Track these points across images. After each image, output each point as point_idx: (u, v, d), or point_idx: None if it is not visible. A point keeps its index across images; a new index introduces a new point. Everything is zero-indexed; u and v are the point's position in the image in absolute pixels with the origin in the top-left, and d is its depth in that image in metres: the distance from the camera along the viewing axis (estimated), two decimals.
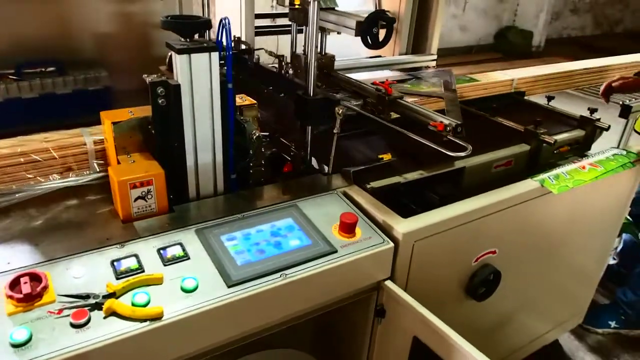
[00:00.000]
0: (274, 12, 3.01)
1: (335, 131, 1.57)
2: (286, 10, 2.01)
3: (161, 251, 1.26)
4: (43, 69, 1.99)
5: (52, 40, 2.13)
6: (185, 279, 1.18)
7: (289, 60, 2.01)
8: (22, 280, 1.11)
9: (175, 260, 1.25)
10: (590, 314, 2.56)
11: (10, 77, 1.92)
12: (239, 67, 1.93)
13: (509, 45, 8.56)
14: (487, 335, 1.94)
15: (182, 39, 1.37)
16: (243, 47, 2.08)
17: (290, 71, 1.92)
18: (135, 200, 1.37)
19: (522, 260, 1.88)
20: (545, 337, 2.36)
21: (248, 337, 1.32)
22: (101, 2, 2.21)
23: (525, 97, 2.59)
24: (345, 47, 2.36)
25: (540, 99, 2.48)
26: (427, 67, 2.79)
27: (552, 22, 9.36)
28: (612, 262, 2.92)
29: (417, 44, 2.87)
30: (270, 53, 2.10)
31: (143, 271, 1.20)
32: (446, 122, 1.57)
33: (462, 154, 1.55)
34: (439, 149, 1.56)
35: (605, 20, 10.37)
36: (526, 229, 1.82)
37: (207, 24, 1.40)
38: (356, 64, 2.51)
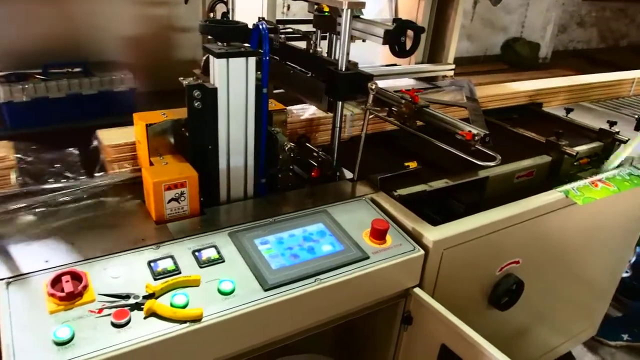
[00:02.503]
0: (295, 18, 3.04)
1: (367, 107, 1.56)
2: (299, 17, 1.99)
3: (196, 253, 1.27)
4: (69, 70, 2.00)
5: (78, 41, 2.15)
6: (222, 282, 1.19)
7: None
8: (64, 278, 1.11)
9: (211, 262, 1.25)
10: (603, 326, 2.56)
11: (38, 76, 1.93)
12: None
13: (516, 56, 8.58)
14: (505, 346, 1.94)
15: (220, 43, 1.38)
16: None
17: (319, 49, 1.87)
18: (169, 201, 1.38)
19: (543, 271, 1.89)
20: (559, 349, 2.36)
21: (276, 342, 1.32)
22: (126, 5, 2.22)
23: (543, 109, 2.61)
24: (359, 57, 2.39)
25: (557, 111, 2.50)
26: (445, 77, 2.81)
27: (559, 34, 9.40)
28: (624, 274, 2.93)
29: (433, 54, 2.89)
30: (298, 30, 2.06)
31: (180, 272, 1.21)
32: (475, 131, 1.58)
33: (492, 163, 1.57)
34: (469, 158, 1.57)
35: (610, 34, 10.42)
36: (548, 239, 1.83)
37: (245, 30, 1.41)
38: (375, 72, 2.52)
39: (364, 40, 1.99)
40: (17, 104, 1.85)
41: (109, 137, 1.61)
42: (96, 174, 1.54)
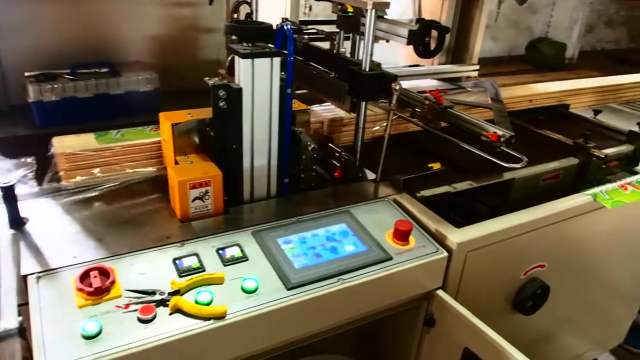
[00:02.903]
0: (317, 19, 3.04)
1: (391, 108, 1.56)
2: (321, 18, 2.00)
3: (220, 251, 1.28)
4: (97, 70, 2.04)
5: (105, 42, 2.20)
6: (246, 280, 1.20)
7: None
8: (92, 274, 1.14)
9: (235, 261, 1.27)
10: (631, 334, 2.52)
11: (66, 76, 1.97)
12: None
13: (541, 56, 8.46)
14: (528, 352, 1.92)
15: (245, 44, 1.40)
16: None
17: (343, 49, 1.88)
18: (194, 200, 1.39)
19: (569, 275, 1.86)
20: (584, 357, 2.32)
21: (298, 342, 1.33)
22: (152, 6, 2.26)
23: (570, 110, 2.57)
24: (381, 58, 2.38)
25: (584, 113, 2.46)
26: (468, 78, 2.79)
27: (586, 34, 9.25)
28: None
29: (457, 54, 2.87)
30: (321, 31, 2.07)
31: (204, 270, 1.22)
32: (500, 132, 1.57)
33: (518, 165, 1.56)
34: (494, 160, 1.56)
35: None
36: (575, 243, 1.81)
37: (270, 30, 1.42)
38: (398, 73, 2.52)
39: (387, 41, 1.99)
40: (47, 103, 1.90)
41: (63, 145, 1.56)
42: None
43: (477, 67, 2.75)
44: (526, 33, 9.19)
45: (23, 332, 1.09)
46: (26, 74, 1.95)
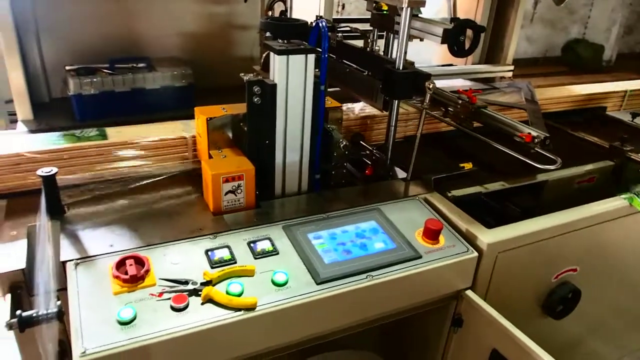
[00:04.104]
0: (351, 17, 3.05)
1: (424, 106, 1.56)
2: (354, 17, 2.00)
3: (251, 244, 1.31)
4: (134, 65, 2.08)
5: (143, 38, 2.23)
6: (276, 273, 1.22)
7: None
8: (128, 262, 1.17)
9: (265, 254, 1.29)
10: None
11: (105, 71, 2.01)
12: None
13: (577, 58, 8.29)
14: (557, 356, 1.90)
15: (280, 41, 1.41)
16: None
17: (376, 47, 1.88)
18: (226, 194, 1.42)
19: (601, 280, 1.83)
20: None
21: (326, 336, 1.34)
22: (188, 3, 2.29)
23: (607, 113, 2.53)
24: (415, 55, 2.37)
25: (622, 116, 2.42)
26: (502, 78, 2.76)
27: (625, 36, 9.04)
28: None
29: (491, 54, 2.85)
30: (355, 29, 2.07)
31: (235, 262, 1.24)
32: (534, 133, 1.56)
33: (552, 167, 1.54)
34: (528, 161, 1.54)
35: None
36: (609, 248, 1.78)
37: (306, 28, 1.44)
38: (432, 72, 2.51)
39: (421, 40, 1.98)
40: (86, 96, 1.94)
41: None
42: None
43: (512, 67, 2.73)
44: (562, 34, 9.03)
45: (61, 315, 1.13)
46: (67, 67, 2.00)
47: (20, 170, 1.50)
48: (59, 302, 1.13)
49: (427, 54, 2.90)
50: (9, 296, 1.20)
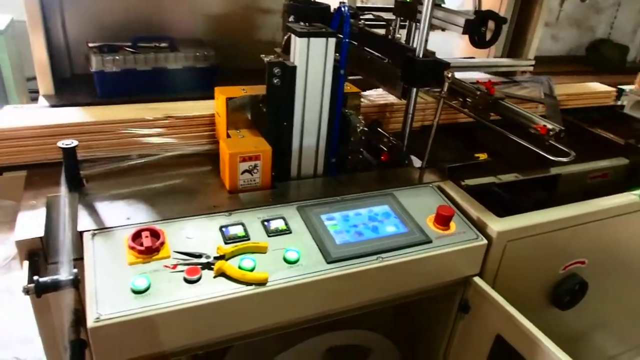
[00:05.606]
0: (375, 5, 3.04)
1: (442, 95, 1.57)
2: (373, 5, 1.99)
3: (265, 223, 1.33)
4: (157, 44, 2.10)
5: (166, 17, 2.26)
6: (288, 251, 1.24)
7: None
8: (144, 234, 1.20)
9: (278, 232, 1.31)
10: None
11: (127, 49, 2.04)
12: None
13: (602, 58, 8.18)
14: (562, 346, 1.91)
15: (302, 23, 1.43)
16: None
17: (398, 35, 1.89)
18: (243, 173, 1.44)
19: (609, 275, 1.84)
20: (619, 358, 2.29)
21: (335, 314, 1.37)
22: None
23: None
24: (437, 48, 2.37)
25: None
26: (523, 72, 2.75)
27: None
28: None
29: (514, 49, 2.84)
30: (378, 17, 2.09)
31: (249, 239, 1.27)
32: (550, 126, 1.56)
33: (565, 159, 1.54)
34: (542, 152, 1.55)
35: None
36: (618, 243, 1.78)
37: (328, 11, 1.45)
38: (452, 62, 2.50)
39: (443, 30, 1.99)
40: (107, 73, 1.97)
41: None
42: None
43: (533, 62, 2.72)
44: (588, 33, 8.91)
45: (77, 283, 1.16)
46: (90, 44, 2.03)
47: (40, 143, 1.53)
48: (75, 270, 1.17)
49: (448, 46, 2.90)
50: (26, 263, 1.23)
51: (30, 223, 1.28)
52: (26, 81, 3.79)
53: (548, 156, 1.55)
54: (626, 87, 2.48)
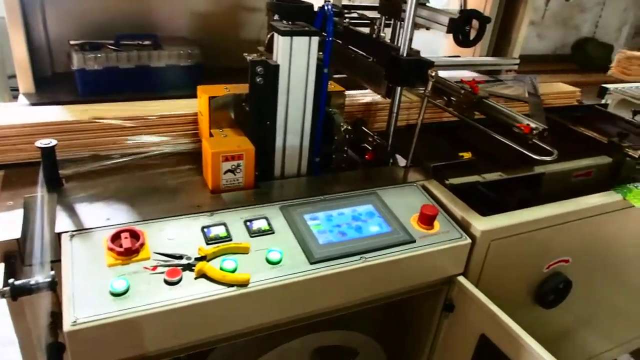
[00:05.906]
0: (359, 4, 3.03)
1: (426, 94, 1.56)
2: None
3: (248, 223, 1.32)
4: (140, 42, 2.07)
5: (150, 15, 2.23)
6: (271, 251, 1.23)
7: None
8: (123, 235, 1.18)
9: (261, 233, 1.30)
10: None
11: (110, 47, 2.01)
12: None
13: (587, 57, 8.23)
14: (547, 345, 1.92)
15: (285, 22, 1.42)
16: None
17: (382, 34, 1.89)
18: (225, 172, 1.43)
19: (593, 273, 1.85)
20: (604, 356, 2.30)
21: (319, 315, 1.36)
22: None
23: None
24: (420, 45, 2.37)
25: (624, 113, 2.42)
26: (508, 71, 2.76)
27: (635, 36, 8.97)
28: None
29: (499, 47, 2.84)
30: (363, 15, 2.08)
31: (231, 239, 1.26)
32: (533, 125, 1.56)
33: (548, 158, 1.55)
34: (525, 151, 1.55)
35: None
36: (602, 241, 1.79)
37: (311, 10, 1.44)
38: (437, 61, 2.50)
39: (427, 28, 1.98)
40: (89, 71, 1.94)
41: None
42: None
43: (517, 60, 2.72)
44: (573, 32, 8.96)
45: (54, 286, 1.14)
46: (71, 42, 2.00)
47: (18, 142, 1.50)
48: (52, 272, 1.14)
49: (434, 45, 2.90)
50: (2, 265, 1.21)
51: (7, 224, 1.26)
52: (7, 79, 3.73)
53: (532, 155, 1.55)
54: (610, 86, 2.49)
